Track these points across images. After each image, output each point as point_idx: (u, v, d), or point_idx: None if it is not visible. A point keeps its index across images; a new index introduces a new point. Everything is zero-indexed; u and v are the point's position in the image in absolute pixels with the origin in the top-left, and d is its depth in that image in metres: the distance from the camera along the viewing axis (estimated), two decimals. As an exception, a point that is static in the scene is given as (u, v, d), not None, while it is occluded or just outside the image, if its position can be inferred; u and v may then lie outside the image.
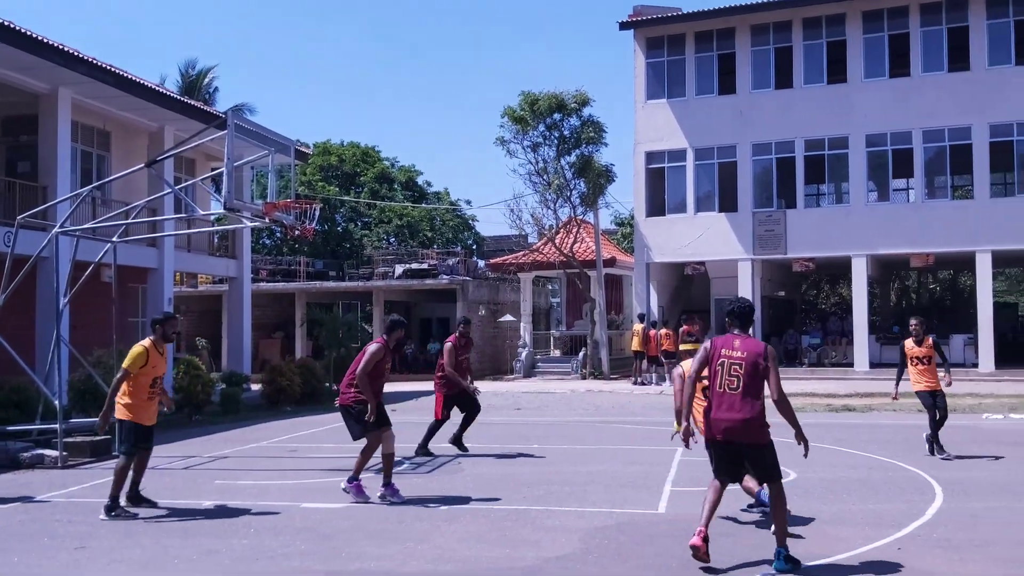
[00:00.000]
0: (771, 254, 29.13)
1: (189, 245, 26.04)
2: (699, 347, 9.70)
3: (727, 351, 6.93)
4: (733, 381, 6.82)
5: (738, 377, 6.81)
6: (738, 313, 7.17)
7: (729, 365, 6.86)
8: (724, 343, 7.01)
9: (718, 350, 6.96)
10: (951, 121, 27.37)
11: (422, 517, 8.76)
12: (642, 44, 30.64)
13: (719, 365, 6.90)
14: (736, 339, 7.00)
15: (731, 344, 6.96)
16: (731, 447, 6.87)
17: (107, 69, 20.19)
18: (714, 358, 6.95)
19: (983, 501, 9.15)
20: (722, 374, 6.87)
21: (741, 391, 6.78)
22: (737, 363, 6.85)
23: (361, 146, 55.46)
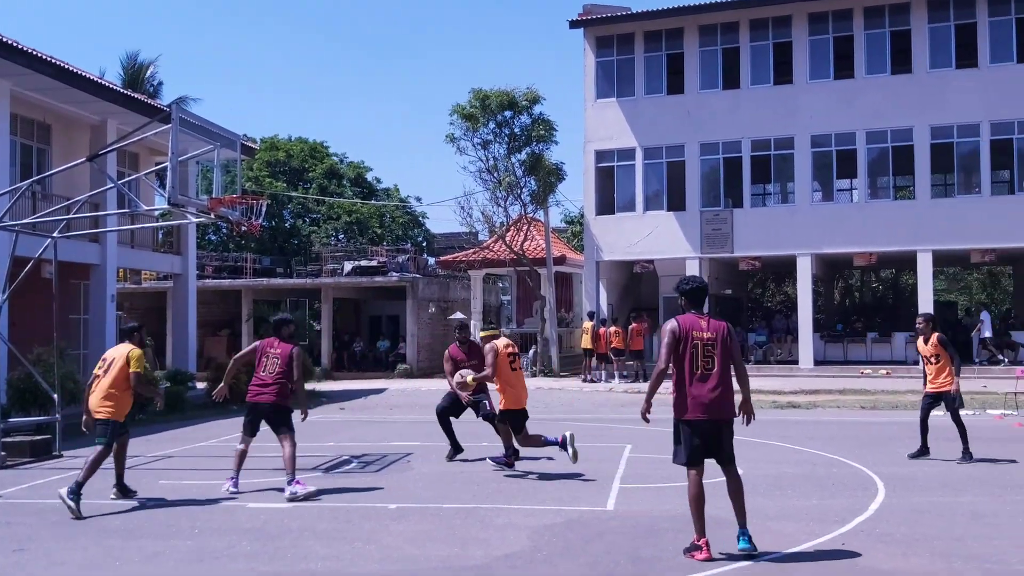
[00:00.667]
0: (718, 253, 29.44)
1: (133, 241, 25.57)
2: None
3: (696, 332, 7.05)
4: (708, 362, 7.00)
5: (712, 357, 7.00)
6: (693, 291, 7.33)
7: (702, 346, 7.01)
8: (691, 325, 7.10)
9: (688, 332, 7.05)
10: (894, 123, 27.88)
11: (370, 516, 8.70)
12: (592, 43, 30.76)
13: (691, 347, 7.01)
14: (700, 319, 7.15)
15: (698, 325, 7.09)
16: (713, 426, 7.01)
17: (47, 61, 19.74)
18: (686, 341, 7.03)
19: (924, 496, 9.33)
20: (696, 356, 7.00)
21: (717, 370, 6.99)
22: (709, 344, 7.02)
23: (309, 141, 54.92)
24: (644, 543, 7.47)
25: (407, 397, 24.02)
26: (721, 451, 7.13)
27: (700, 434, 7.03)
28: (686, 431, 7.08)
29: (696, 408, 6.99)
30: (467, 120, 29.70)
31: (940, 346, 11.67)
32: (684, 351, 7.03)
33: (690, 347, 7.01)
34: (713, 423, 7.01)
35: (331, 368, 34.37)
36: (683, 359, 7.04)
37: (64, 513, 9.05)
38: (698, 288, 7.37)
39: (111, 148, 17.55)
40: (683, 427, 7.09)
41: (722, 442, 7.10)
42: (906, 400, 19.94)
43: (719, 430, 7.06)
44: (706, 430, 7.02)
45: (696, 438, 7.04)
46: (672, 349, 7.06)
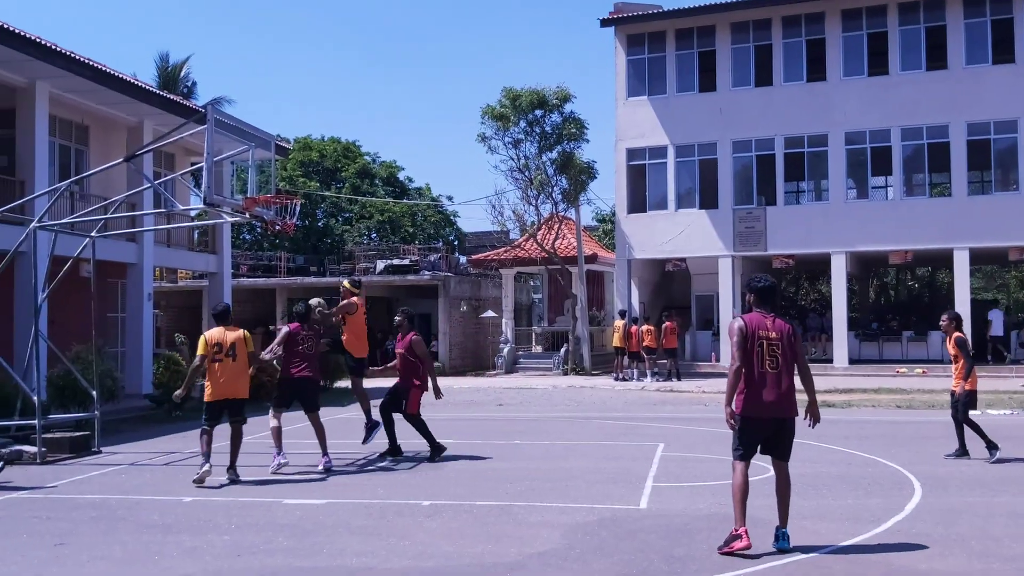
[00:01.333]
0: (751, 251, 29.28)
1: (169, 240, 25.88)
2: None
3: (762, 332, 7.12)
4: (772, 361, 7.06)
5: (776, 357, 7.07)
6: (764, 290, 7.38)
7: (767, 346, 7.08)
8: (757, 324, 7.16)
9: (755, 331, 7.11)
10: (929, 119, 27.59)
11: (404, 513, 8.75)
12: (623, 41, 30.70)
13: (757, 346, 7.08)
14: (766, 319, 7.21)
15: (764, 325, 7.16)
16: (775, 423, 7.10)
17: (85, 63, 20.03)
18: (752, 339, 7.09)
19: (961, 496, 9.24)
20: (762, 355, 7.07)
21: (780, 369, 7.07)
22: (774, 343, 7.09)
23: (342, 141, 55.29)
24: (677, 542, 7.46)
25: (439, 395, 24.07)
26: (779, 448, 7.22)
27: (760, 431, 7.13)
28: (747, 427, 7.14)
29: (760, 406, 7.05)
30: (498, 120, 29.75)
31: (956, 347, 11.68)
32: (751, 349, 7.09)
33: (756, 345, 7.08)
34: (775, 421, 7.11)
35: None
36: (751, 357, 7.09)
37: (103, 508, 9.20)
38: (769, 287, 7.42)
39: (148, 149, 17.81)
40: (744, 423, 7.14)
41: (782, 439, 7.19)
42: (942, 399, 19.69)
43: (780, 427, 7.15)
44: (767, 427, 7.12)
45: (756, 434, 7.14)
46: (743, 347, 7.09)
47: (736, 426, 7.17)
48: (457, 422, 17.20)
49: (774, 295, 7.46)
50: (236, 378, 10.69)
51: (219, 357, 10.59)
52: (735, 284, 29.34)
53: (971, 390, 11.74)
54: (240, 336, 10.78)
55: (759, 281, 7.44)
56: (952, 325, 11.78)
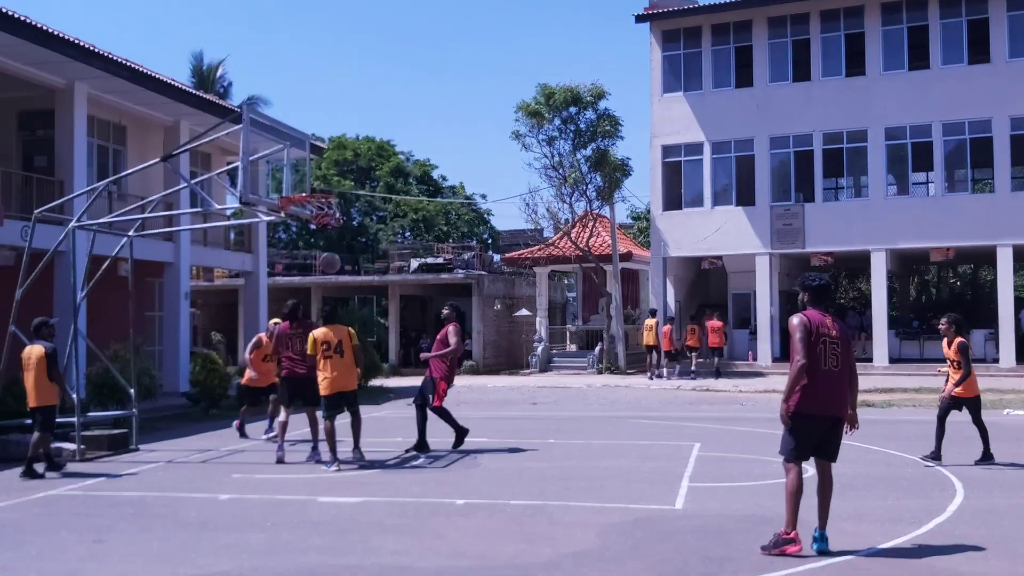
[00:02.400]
0: (789, 248, 28.97)
1: (205, 239, 26.10)
2: None
3: (823, 329, 7.00)
4: (834, 360, 6.97)
5: (836, 356, 6.98)
6: (819, 288, 7.25)
7: (829, 343, 6.98)
8: (819, 321, 7.04)
9: (817, 327, 6.99)
10: (971, 114, 27.11)
11: (439, 512, 8.73)
12: (658, 37, 30.49)
13: (820, 344, 6.96)
14: (826, 318, 7.09)
15: (824, 323, 7.03)
16: (831, 421, 7.01)
17: (122, 63, 20.23)
18: (816, 336, 6.96)
19: (1005, 498, 9.05)
20: (824, 353, 6.95)
21: (840, 368, 6.99)
22: (835, 342, 7.00)
23: (376, 140, 55.50)
24: (714, 543, 7.36)
25: (473, 393, 24.09)
26: (830, 447, 7.11)
27: (818, 430, 7.00)
28: (805, 426, 7.01)
29: (821, 403, 6.94)
30: (532, 117, 29.68)
31: (959, 353, 11.11)
32: (814, 346, 6.95)
33: (819, 343, 6.95)
34: (832, 419, 7.02)
35: (399, 364, 34.69)
36: (814, 355, 6.95)
37: (140, 505, 9.28)
38: (824, 285, 7.30)
39: (184, 148, 17.96)
40: (800, 421, 7.00)
41: (833, 439, 7.09)
42: (985, 399, 19.30)
43: (835, 425, 7.05)
44: (824, 426, 7.01)
45: (813, 434, 7.01)
46: (808, 342, 6.94)
47: (790, 425, 7.03)
48: (491, 421, 17.17)
49: (829, 293, 7.37)
50: (346, 372, 11.46)
51: (328, 354, 11.35)
52: (772, 282, 29.04)
53: (972, 396, 11.27)
54: (345, 333, 11.54)
55: (813, 280, 7.31)
56: (952, 329, 11.25)
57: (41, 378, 11.33)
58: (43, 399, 11.39)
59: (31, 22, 17.44)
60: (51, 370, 11.40)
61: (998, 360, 26.59)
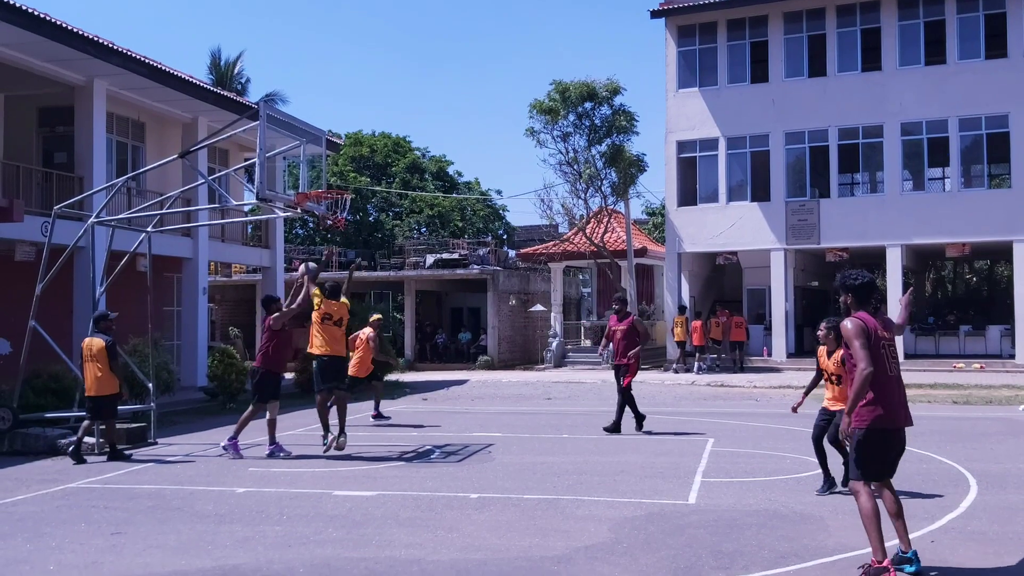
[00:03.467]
0: (804, 244, 28.90)
1: (223, 235, 26.28)
2: None
3: (880, 332, 6.30)
4: (894, 365, 6.33)
5: (895, 360, 6.37)
6: (863, 287, 6.47)
7: (888, 347, 6.32)
8: (875, 323, 6.31)
9: (876, 332, 6.27)
10: (988, 109, 26.97)
11: (453, 506, 8.81)
12: (673, 32, 30.45)
13: (883, 348, 6.27)
14: (876, 317, 6.41)
15: (878, 325, 6.34)
16: (902, 435, 6.35)
17: (141, 60, 20.39)
18: (877, 340, 6.26)
19: (1019, 494, 9.04)
20: (887, 358, 6.28)
21: (898, 373, 6.36)
22: (891, 344, 6.37)
23: (392, 136, 55.58)
24: (726, 538, 7.40)
25: (489, 388, 24.17)
26: (897, 461, 6.48)
27: (895, 445, 6.32)
28: (882, 441, 6.25)
29: (895, 416, 6.23)
30: (546, 113, 29.70)
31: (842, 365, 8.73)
32: (875, 351, 6.20)
33: (881, 347, 6.22)
34: (902, 432, 6.35)
35: (414, 359, 34.80)
36: (877, 360, 6.19)
37: (158, 498, 9.40)
38: (867, 283, 6.48)
39: (202, 145, 18.07)
40: (877, 436, 6.22)
41: (901, 452, 6.45)
42: (1000, 395, 19.33)
43: (904, 437, 6.40)
44: (899, 439, 6.33)
45: (891, 449, 6.32)
46: (869, 348, 6.17)
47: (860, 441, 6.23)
48: (505, 415, 17.25)
49: (874, 291, 6.54)
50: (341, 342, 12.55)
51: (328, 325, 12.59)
52: (787, 278, 28.98)
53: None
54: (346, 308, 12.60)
55: (855, 278, 6.48)
56: (832, 336, 9.05)
57: (103, 369, 12.12)
58: (104, 389, 12.16)
59: (51, 19, 17.60)
60: (112, 362, 12.16)
61: (1014, 356, 26.48)
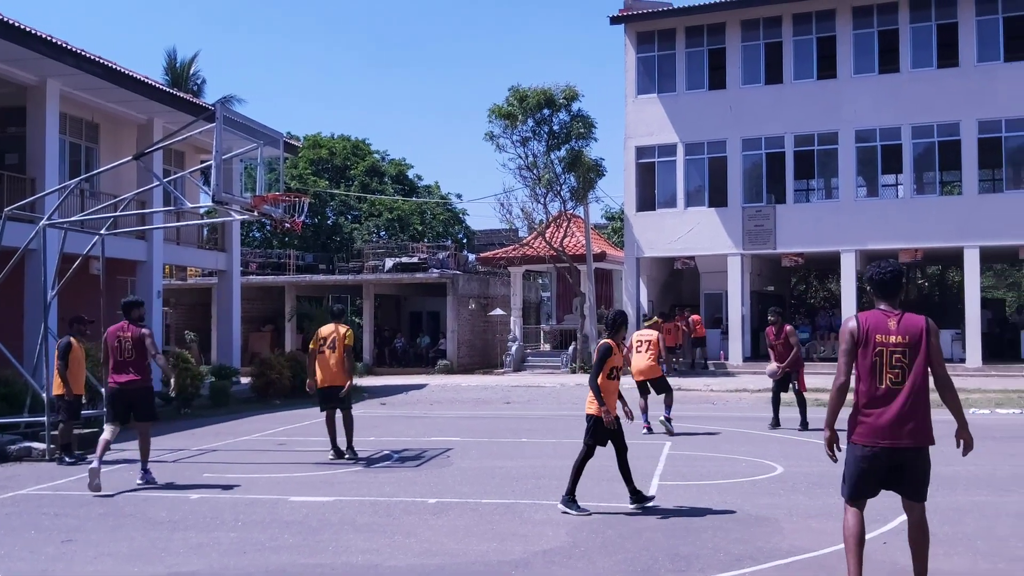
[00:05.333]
0: (760, 249, 29.21)
1: (178, 238, 25.97)
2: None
3: (881, 336, 5.60)
4: (897, 373, 5.56)
5: (902, 368, 5.55)
6: (884, 282, 5.78)
7: (888, 353, 5.57)
8: (875, 325, 5.64)
9: (870, 335, 5.64)
10: (940, 117, 27.45)
11: (410, 511, 8.77)
12: (632, 39, 30.64)
13: (875, 355, 5.60)
14: (888, 318, 5.66)
15: (884, 326, 5.63)
16: (894, 454, 5.61)
17: (95, 61, 20.09)
18: (866, 345, 5.63)
19: (968, 495, 9.21)
20: (880, 366, 5.58)
21: (909, 383, 5.56)
22: (898, 350, 5.57)
23: (351, 139, 55.34)
24: (682, 541, 7.46)
25: (447, 392, 24.13)
26: (906, 484, 5.74)
27: (875, 464, 5.64)
28: (854, 457, 5.70)
29: (872, 431, 5.59)
30: (505, 119, 29.74)
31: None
32: (865, 358, 5.62)
33: (872, 354, 5.59)
34: (894, 451, 5.60)
35: (373, 364, 34.65)
36: (863, 368, 5.63)
37: (110, 505, 9.26)
38: (891, 277, 5.78)
39: (157, 147, 17.85)
40: (851, 451, 5.72)
41: (906, 474, 5.69)
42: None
43: (903, 460, 5.64)
44: (883, 460, 5.62)
45: (869, 469, 5.66)
46: (851, 356, 5.66)
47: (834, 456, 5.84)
48: (464, 420, 17.23)
49: (898, 287, 5.82)
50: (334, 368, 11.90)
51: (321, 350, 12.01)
52: (744, 282, 29.27)
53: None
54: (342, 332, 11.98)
55: (879, 270, 5.82)
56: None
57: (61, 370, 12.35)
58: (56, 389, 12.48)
59: (3, 18, 17.28)
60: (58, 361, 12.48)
61: (965, 360, 26.97)
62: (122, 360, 10.50)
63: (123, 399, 10.47)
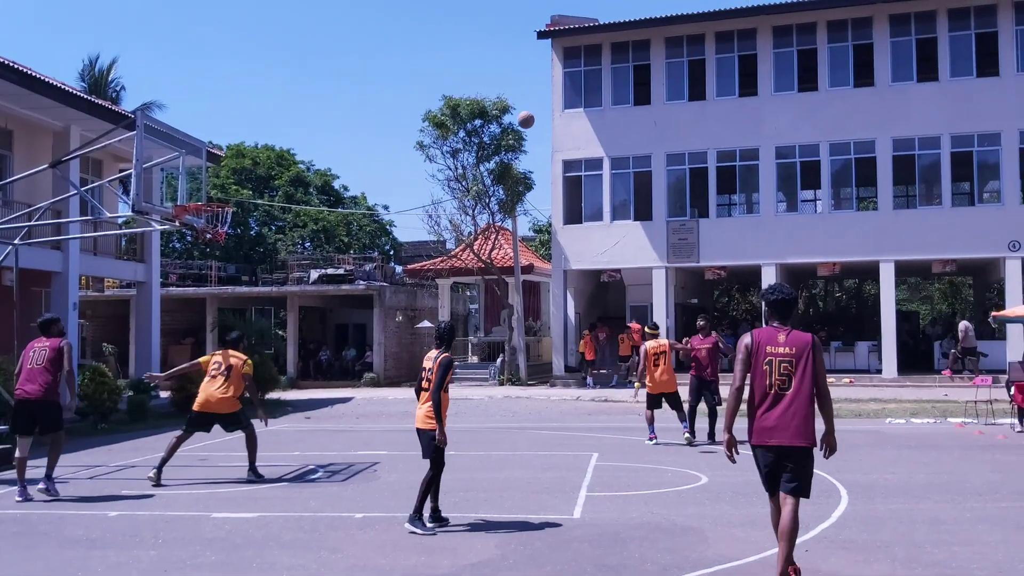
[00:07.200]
0: (684, 262, 29.65)
1: (95, 248, 25.29)
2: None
3: (771, 347, 6.32)
4: (784, 381, 6.25)
5: (789, 376, 6.25)
6: (778, 302, 6.51)
7: (777, 363, 6.27)
8: (766, 339, 6.37)
9: (761, 347, 6.35)
10: (856, 135, 28.25)
11: (336, 526, 8.66)
12: (559, 53, 30.90)
13: (764, 364, 6.31)
14: (779, 332, 6.39)
15: (775, 339, 6.35)
16: (780, 452, 6.28)
17: (9, 66, 19.49)
18: (758, 356, 6.34)
19: (886, 503, 9.45)
20: (770, 374, 6.28)
21: (793, 390, 6.24)
22: (786, 360, 6.27)
23: (276, 149, 54.65)
24: (610, 551, 7.50)
25: (374, 406, 23.93)
26: (787, 480, 6.32)
27: (765, 461, 6.37)
28: (755, 457, 6.49)
29: (761, 433, 6.34)
30: (438, 128, 29.74)
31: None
32: (756, 368, 6.34)
33: (763, 364, 6.30)
34: (779, 449, 6.27)
35: (297, 377, 34.19)
36: (755, 377, 6.35)
37: (24, 523, 8.95)
38: (784, 299, 6.52)
39: (74, 155, 17.40)
40: (754, 452, 6.48)
41: (791, 471, 6.28)
42: (868, 408, 20.18)
43: (786, 457, 6.27)
44: (772, 457, 6.33)
45: (764, 465, 6.40)
46: (746, 365, 6.37)
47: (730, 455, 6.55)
48: (391, 433, 17.09)
49: (790, 308, 6.55)
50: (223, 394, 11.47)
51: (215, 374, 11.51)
52: (668, 295, 29.66)
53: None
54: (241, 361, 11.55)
55: (772, 292, 6.59)
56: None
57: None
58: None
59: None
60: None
61: (881, 371, 27.72)
62: (32, 369, 10.34)
63: (27, 410, 10.32)
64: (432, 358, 8.79)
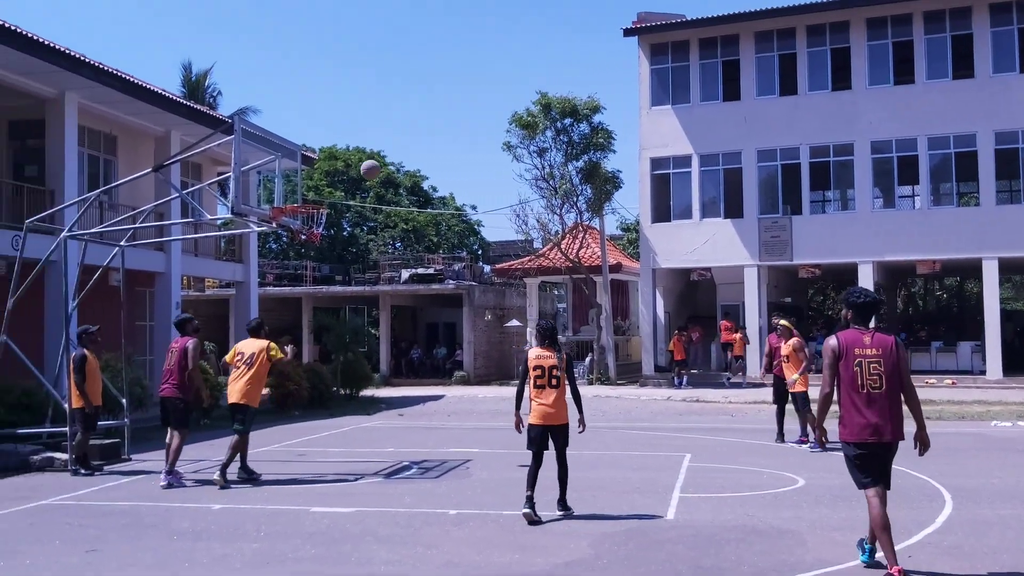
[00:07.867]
0: (777, 260, 29.13)
1: (196, 249, 26.07)
2: None
3: (859, 349, 6.60)
4: (875, 380, 6.54)
5: (879, 376, 6.54)
6: (862, 306, 6.79)
7: (866, 364, 6.56)
8: (852, 341, 6.65)
9: (849, 349, 6.61)
10: (956, 128, 27.35)
11: (432, 522, 8.77)
12: (646, 51, 30.67)
13: (855, 365, 6.58)
14: (863, 335, 6.66)
15: (860, 341, 6.63)
16: (881, 448, 6.59)
17: (113, 73, 20.23)
18: (847, 358, 6.60)
19: (993, 508, 9.14)
20: (861, 374, 6.56)
21: (884, 389, 6.55)
22: (874, 360, 6.56)
23: (366, 151, 55.57)
24: (705, 553, 7.43)
25: (465, 404, 24.14)
26: (883, 476, 6.72)
27: (870, 457, 6.62)
28: (853, 455, 6.69)
29: (861, 430, 6.57)
30: (525, 128, 29.84)
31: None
32: (847, 370, 6.60)
33: (853, 365, 6.58)
34: (880, 445, 6.59)
35: (389, 375, 34.69)
36: (846, 378, 6.61)
37: (133, 515, 9.30)
38: (869, 302, 6.81)
39: (175, 159, 17.95)
40: (848, 450, 6.70)
41: (881, 465, 6.67)
42: (972, 411, 19.53)
43: (887, 452, 6.65)
44: (873, 453, 6.61)
45: (867, 460, 6.63)
46: (834, 369, 6.65)
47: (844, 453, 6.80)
48: (482, 431, 17.23)
49: (873, 311, 6.85)
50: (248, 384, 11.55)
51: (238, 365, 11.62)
52: (761, 293, 29.19)
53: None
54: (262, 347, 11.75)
55: (857, 296, 6.85)
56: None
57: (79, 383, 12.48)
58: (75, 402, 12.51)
59: (21, 31, 17.43)
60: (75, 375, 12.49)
61: (985, 372, 26.79)
62: (165, 369, 11.70)
63: (162, 407, 11.61)
64: (548, 356, 9.09)
